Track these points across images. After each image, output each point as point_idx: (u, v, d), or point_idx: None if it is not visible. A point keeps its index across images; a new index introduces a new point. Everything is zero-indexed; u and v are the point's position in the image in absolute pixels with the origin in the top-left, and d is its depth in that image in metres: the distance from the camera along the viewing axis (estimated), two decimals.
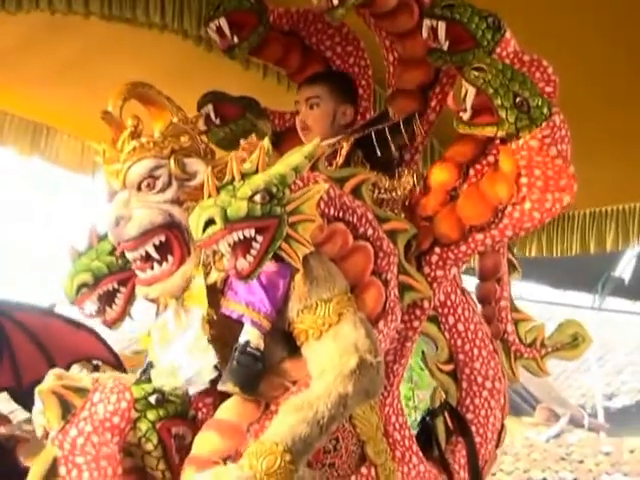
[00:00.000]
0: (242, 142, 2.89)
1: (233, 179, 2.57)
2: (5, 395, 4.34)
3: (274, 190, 2.55)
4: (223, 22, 3.40)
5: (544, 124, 2.85)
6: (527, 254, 5.12)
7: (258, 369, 2.62)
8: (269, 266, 2.62)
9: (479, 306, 3.52)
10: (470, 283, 3.56)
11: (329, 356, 2.60)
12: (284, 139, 3.55)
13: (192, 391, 2.73)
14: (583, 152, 4.28)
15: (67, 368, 3.18)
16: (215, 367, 2.69)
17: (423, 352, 3.40)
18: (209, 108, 3.57)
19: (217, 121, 3.58)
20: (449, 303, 3.33)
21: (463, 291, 3.40)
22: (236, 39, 3.42)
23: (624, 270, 6.44)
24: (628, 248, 5.56)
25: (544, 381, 14.08)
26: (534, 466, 10.84)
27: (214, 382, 2.67)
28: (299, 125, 3.37)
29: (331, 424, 2.53)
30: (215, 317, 2.70)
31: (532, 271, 5.99)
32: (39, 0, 3.70)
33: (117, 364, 4.43)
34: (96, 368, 4.28)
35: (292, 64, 3.58)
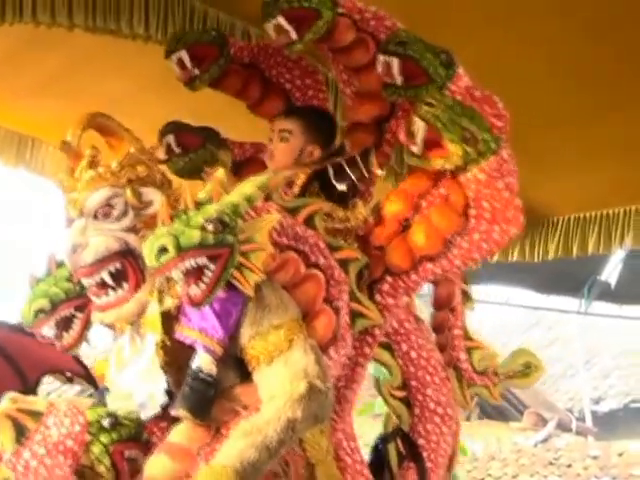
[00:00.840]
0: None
1: (187, 208, 2.63)
2: None
3: (227, 219, 2.61)
4: (184, 54, 3.44)
5: (492, 158, 2.92)
6: (509, 259, 5.18)
7: (210, 394, 2.66)
8: (222, 293, 2.67)
9: (433, 334, 3.57)
10: None
11: (279, 381, 2.64)
12: (244, 169, 3.59)
13: (144, 416, 2.76)
14: (566, 160, 4.38)
15: (38, 380, 3.19)
16: (166, 392, 2.72)
17: (377, 379, 3.44)
18: (170, 138, 3.59)
19: (178, 150, 3.60)
20: (402, 330, 3.38)
21: (417, 319, 3.46)
22: (197, 71, 3.46)
23: (610, 274, 6.48)
24: (610, 253, 5.61)
25: (532, 386, 14.18)
26: (522, 471, 10.87)
27: (167, 407, 2.70)
28: (267, 153, 3.40)
29: (280, 448, 2.57)
30: (169, 343, 2.74)
31: (518, 276, 6.03)
32: (23, 12, 3.67)
33: (87, 376, 4.45)
34: (70, 379, 4.30)
35: (252, 95, 3.60)
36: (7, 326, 4.60)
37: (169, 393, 2.72)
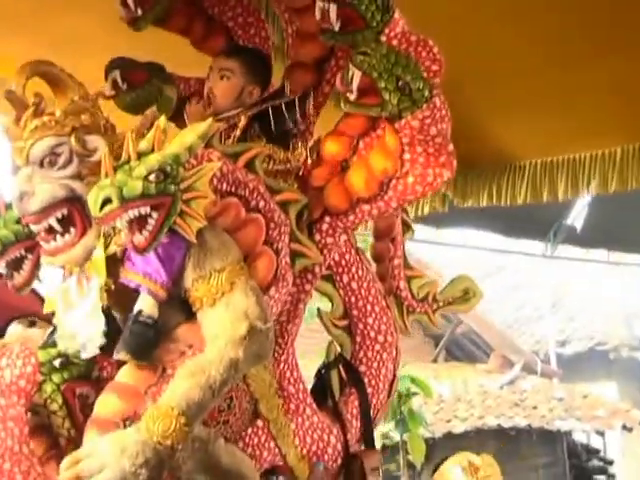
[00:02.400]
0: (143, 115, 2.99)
1: (129, 159, 2.70)
2: None
3: (168, 169, 2.69)
4: None
5: (424, 106, 3.00)
6: (479, 203, 5.21)
7: (150, 336, 2.75)
8: (165, 239, 2.75)
9: (373, 264, 3.68)
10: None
11: (221, 323, 2.74)
12: (189, 104, 3.64)
13: (84, 356, 2.85)
14: (533, 104, 4.41)
15: (6, 325, 3.25)
16: (105, 334, 2.82)
17: (319, 309, 3.56)
18: (116, 74, 3.57)
19: (124, 87, 3.61)
20: (343, 262, 3.47)
21: (357, 250, 3.55)
22: (140, 11, 3.47)
23: (576, 218, 6.55)
24: (578, 197, 5.66)
25: (498, 329, 14.25)
26: (488, 412, 10.92)
27: (109, 347, 2.80)
28: (205, 91, 3.43)
29: (223, 387, 2.69)
30: (112, 286, 2.82)
31: (484, 220, 6.10)
32: None
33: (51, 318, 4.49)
34: (32, 323, 4.34)
35: (196, 34, 3.62)
36: None
37: (108, 335, 2.82)
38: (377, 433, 3.40)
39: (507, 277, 18.60)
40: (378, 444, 3.32)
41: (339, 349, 3.54)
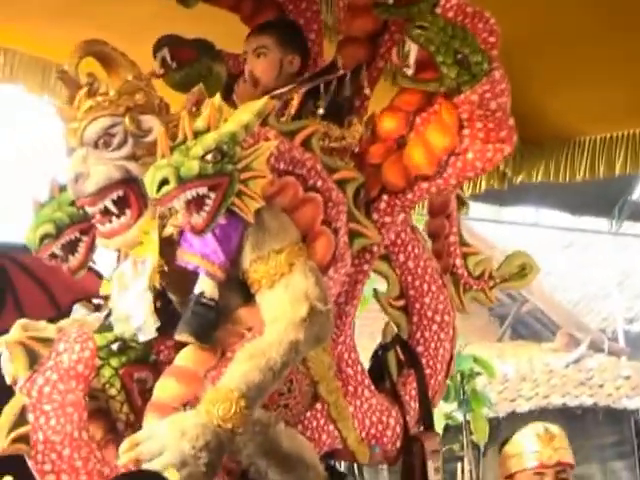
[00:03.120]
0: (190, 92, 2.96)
1: (186, 138, 2.67)
2: None
3: (225, 148, 2.66)
4: None
5: (484, 79, 2.95)
6: (533, 179, 5.10)
7: (212, 318, 2.74)
8: (223, 219, 2.72)
9: (429, 242, 3.64)
10: None
11: (281, 304, 2.72)
12: (239, 81, 3.60)
13: (142, 338, 2.84)
14: (591, 78, 4.31)
15: (70, 308, 3.26)
16: (165, 317, 2.81)
17: (375, 289, 3.52)
18: (164, 52, 3.54)
19: (173, 65, 3.57)
20: (399, 242, 3.42)
21: (413, 229, 3.50)
22: None
23: None
24: (637, 173, 5.54)
25: (564, 307, 14.14)
26: (554, 392, 10.83)
27: (166, 330, 2.79)
28: (247, 75, 3.38)
29: (283, 370, 2.67)
30: (166, 268, 2.80)
31: (550, 197, 6.00)
32: None
33: None
34: (97, 307, 4.35)
35: (245, 10, 3.57)
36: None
37: (164, 317, 2.81)
38: (440, 413, 3.36)
39: (573, 255, 18.38)
40: (441, 424, 3.28)
41: (396, 330, 3.50)
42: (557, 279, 14.09)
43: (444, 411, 7.93)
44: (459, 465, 8.94)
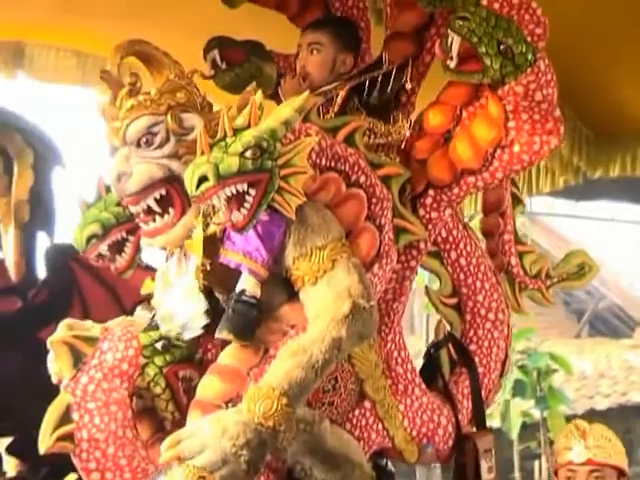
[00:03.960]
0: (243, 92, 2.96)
1: (225, 135, 2.67)
2: None
3: (265, 145, 2.64)
4: None
5: (529, 70, 2.91)
6: (610, 174, 5.00)
7: (253, 316, 2.72)
8: (265, 217, 2.72)
9: (483, 240, 3.60)
10: None
11: (323, 301, 2.70)
12: (286, 77, 3.58)
13: (187, 336, 2.85)
14: None
15: (134, 308, 3.30)
16: (206, 313, 2.81)
17: (427, 287, 3.49)
18: (214, 53, 3.56)
19: (223, 66, 3.58)
20: (451, 239, 3.40)
21: (465, 226, 3.47)
22: None
23: None
24: None
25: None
26: (633, 388, 10.69)
27: (211, 328, 2.79)
28: (298, 69, 3.38)
29: (326, 367, 2.64)
30: (209, 266, 2.80)
31: (626, 192, 5.88)
32: None
33: None
34: None
35: (291, 8, 3.57)
36: None
37: (210, 315, 2.81)
38: (517, 410, 3.31)
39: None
40: (518, 422, 3.23)
41: (448, 328, 3.48)
42: (634, 275, 13.86)
43: (521, 408, 7.90)
44: (536, 463, 8.87)
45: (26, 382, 4.14)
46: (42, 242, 4.55)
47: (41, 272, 4.53)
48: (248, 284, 2.74)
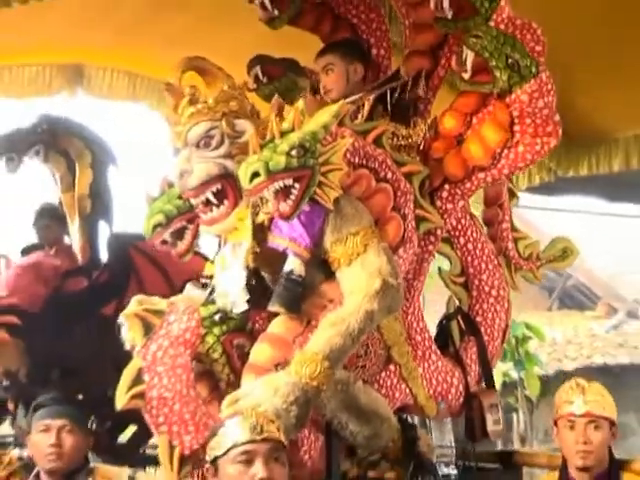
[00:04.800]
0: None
1: (273, 137, 2.60)
2: None
3: (307, 145, 2.58)
4: None
5: (532, 81, 2.83)
6: (579, 173, 4.90)
7: (299, 292, 2.67)
8: (307, 207, 2.65)
9: (485, 228, 3.51)
10: None
11: (357, 280, 2.64)
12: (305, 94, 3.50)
13: (236, 311, 2.77)
14: (624, 82, 4.10)
15: (182, 286, 3.25)
16: (252, 291, 2.74)
17: (439, 268, 3.41)
18: (257, 69, 3.51)
19: (264, 80, 3.51)
20: (460, 227, 3.33)
21: (471, 216, 3.40)
22: (276, 12, 3.36)
23: None
24: None
25: (604, 281, 13.94)
26: (595, 352, 10.65)
27: (259, 303, 2.73)
28: (322, 89, 3.30)
29: (361, 335, 2.59)
30: (258, 250, 2.74)
31: (590, 187, 5.81)
32: None
33: None
34: (204, 286, 4.32)
35: (324, 31, 3.49)
36: None
37: (257, 292, 2.74)
38: (498, 372, 3.24)
39: (610, 235, 18.11)
40: (499, 381, 3.16)
41: (457, 302, 3.40)
42: (596, 257, 13.84)
43: (502, 370, 7.89)
44: (514, 415, 8.86)
45: (90, 350, 4.11)
46: (103, 230, 4.52)
47: (103, 256, 4.47)
48: (294, 265, 2.68)
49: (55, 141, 4.37)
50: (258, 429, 2.22)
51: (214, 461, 2.25)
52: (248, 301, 2.75)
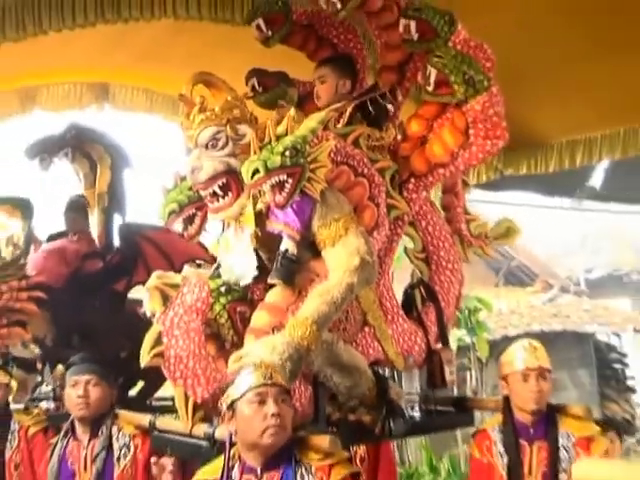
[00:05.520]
0: (277, 108, 2.90)
1: (270, 140, 2.63)
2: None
3: (299, 147, 2.62)
4: (261, 21, 3.35)
5: (485, 93, 2.86)
6: (519, 172, 4.98)
7: (293, 268, 2.71)
8: (298, 198, 2.68)
9: (442, 212, 3.56)
10: None
11: (340, 258, 2.68)
12: (306, 100, 3.51)
13: (242, 283, 2.80)
14: (559, 97, 4.16)
15: (182, 266, 3.25)
16: (257, 268, 2.77)
17: (405, 247, 3.46)
18: (254, 80, 3.50)
19: (260, 89, 3.52)
20: (422, 212, 3.36)
21: (431, 203, 3.44)
22: (270, 32, 3.38)
23: (595, 181, 6.32)
24: (592, 164, 5.38)
25: (541, 261, 14.12)
26: (534, 321, 10.79)
27: (258, 277, 2.77)
28: (315, 94, 3.32)
29: (343, 304, 2.64)
30: (260, 233, 2.77)
31: (530, 184, 5.88)
32: (166, 9, 3.54)
33: (212, 261, 4.46)
34: (199, 266, 4.33)
35: (309, 49, 3.50)
36: (162, 228, 4.58)
37: (259, 268, 2.78)
38: (454, 337, 3.28)
39: (547, 224, 18.29)
40: (454, 345, 3.21)
41: (420, 274, 3.45)
42: (535, 242, 13.99)
43: (457, 336, 7.97)
44: (467, 373, 8.99)
45: (105, 319, 4.14)
46: (117, 221, 4.52)
47: (116, 242, 4.49)
48: (289, 245, 2.72)
49: (81, 146, 4.38)
50: (268, 375, 2.33)
51: (231, 405, 2.31)
52: (256, 276, 2.78)
